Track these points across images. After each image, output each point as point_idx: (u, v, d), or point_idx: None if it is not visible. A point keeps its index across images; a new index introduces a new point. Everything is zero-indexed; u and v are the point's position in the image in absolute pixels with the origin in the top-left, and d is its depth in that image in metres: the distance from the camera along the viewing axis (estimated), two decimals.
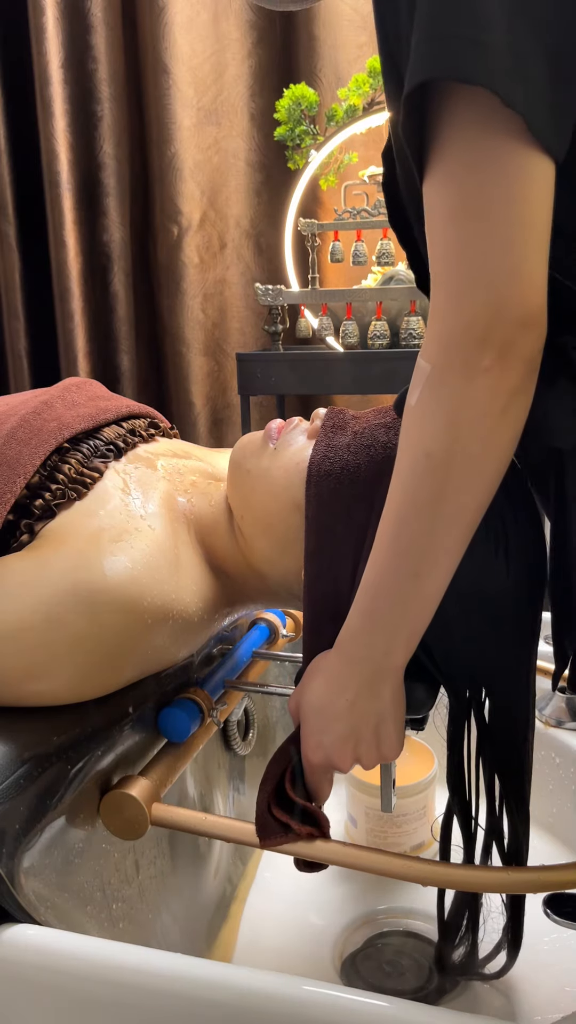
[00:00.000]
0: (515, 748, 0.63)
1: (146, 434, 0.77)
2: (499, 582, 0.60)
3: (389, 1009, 0.46)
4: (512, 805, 0.64)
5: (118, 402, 0.76)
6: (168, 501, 0.69)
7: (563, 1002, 0.73)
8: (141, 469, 0.71)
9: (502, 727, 0.62)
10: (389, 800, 0.67)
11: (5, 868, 0.49)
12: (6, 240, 2.10)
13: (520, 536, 0.60)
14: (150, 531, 0.63)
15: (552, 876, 0.55)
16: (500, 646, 0.61)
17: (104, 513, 0.63)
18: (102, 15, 1.97)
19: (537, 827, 0.93)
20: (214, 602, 0.68)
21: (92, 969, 0.50)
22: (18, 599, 0.57)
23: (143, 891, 0.66)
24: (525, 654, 0.63)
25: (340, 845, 0.58)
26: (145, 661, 0.62)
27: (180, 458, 0.77)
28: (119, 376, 2.14)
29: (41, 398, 0.71)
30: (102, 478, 0.67)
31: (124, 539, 0.61)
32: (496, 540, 0.59)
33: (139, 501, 0.66)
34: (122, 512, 0.64)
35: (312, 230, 1.78)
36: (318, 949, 0.82)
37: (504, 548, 0.59)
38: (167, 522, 0.66)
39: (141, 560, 0.60)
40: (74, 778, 0.56)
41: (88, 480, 0.66)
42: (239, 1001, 0.47)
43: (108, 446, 0.70)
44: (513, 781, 0.64)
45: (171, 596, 0.61)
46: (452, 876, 0.57)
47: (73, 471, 0.66)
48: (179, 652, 0.66)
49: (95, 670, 0.58)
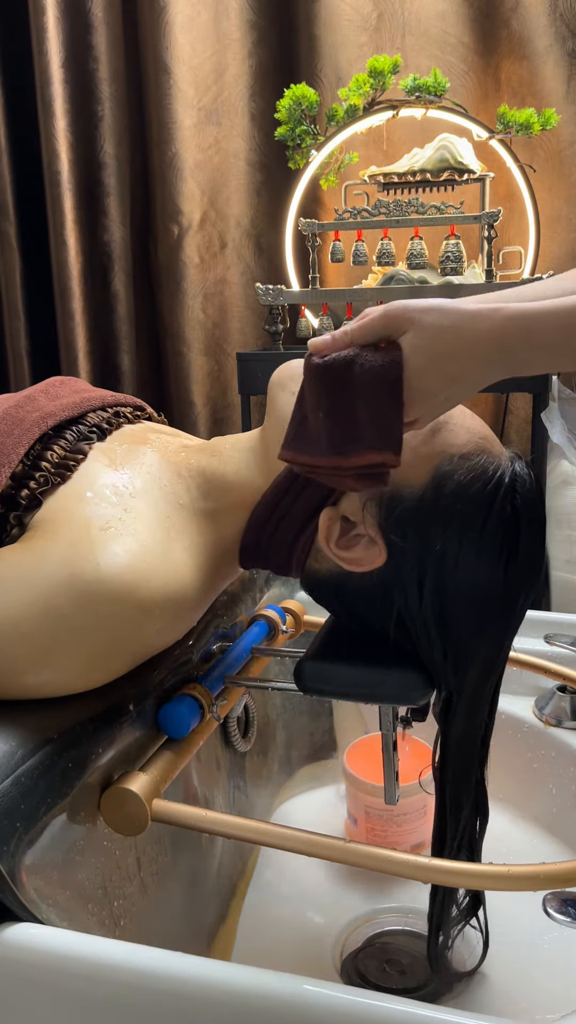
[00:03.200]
0: (472, 747, 0.66)
1: (131, 416, 0.76)
2: (499, 582, 0.61)
3: (389, 1008, 0.46)
4: (468, 800, 0.66)
5: (102, 392, 0.76)
6: (158, 471, 0.67)
7: (563, 1002, 0.73)
8: (127, 446, 0.69)
9: (464, 728, 0.65)
10: (393, 793, 0.67)
11: (7, 866, 0.49)
12: (7, 239, 2.10)
13: (530, 541, 0.61)
14: (137, 510, 0.62)
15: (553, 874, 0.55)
16: (482, 641, 0.63)
17: (92, 494, 0.62)
18: (103, 15, 1.97)
19: (537, 827, 0.93)
20: (210, 570, 0.66)
21: (94, 968, 0.50)
22: (15, 592, 0.56)
23: (144, 888, 0.66)
24: (500, 654, 0.64)
25: (341, 843, 0.58)
26: (147, 645, 0.62)
27: (167, 435, 0.75)
28: (119, 376, 2.15)
29: (24, 393, 0.71)
30: (86, 459, 0.66)
31: (115, 525, 0.60)
32: (502, 543, 0.60)
33: (127, 477, 0.65)
34: (111, 491, 0.63)
35: (312, 230, 1.78)
36: (318, 948, 0.82)
37: (510, 550, 0.60)
38: (158, 496, 0.65)
39: (134, 545, 0.59)
40: (75, 775, 0.56)
41: (72, 463, 0.64)
42: (239, 1000, 0.47)
43: (92, 429, 0.69)
44: (468, 774, 0.66)
45: (167, 577, 0.60)
46: (453, 875, 0.57)
47: (56, 456, 0.65)
48: (181, 630, 0.65)
49: (97, 659, 0.58)
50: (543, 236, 1.85)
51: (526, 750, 0.94)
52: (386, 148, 1.96)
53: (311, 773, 1.06)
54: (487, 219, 1.69)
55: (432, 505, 0.60)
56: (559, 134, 1.83)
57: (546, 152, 1.87)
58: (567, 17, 1.79)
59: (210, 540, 0.66)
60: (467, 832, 0.68)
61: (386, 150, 1.96)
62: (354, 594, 0.65)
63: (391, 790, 0.67)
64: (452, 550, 0.60)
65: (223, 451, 0.69)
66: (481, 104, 1.90)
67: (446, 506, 0.59)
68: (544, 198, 1.86)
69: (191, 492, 0.67)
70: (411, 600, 0.61)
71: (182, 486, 0.67)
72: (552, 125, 1.73)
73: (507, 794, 0.94)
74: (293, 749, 1.05)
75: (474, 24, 1.87)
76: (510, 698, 0.95)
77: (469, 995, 0.75)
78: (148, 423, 0.77)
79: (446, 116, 1.80)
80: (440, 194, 1.81)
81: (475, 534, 0.59)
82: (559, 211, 1.89)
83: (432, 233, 1.81)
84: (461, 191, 1.83)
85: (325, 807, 1.01)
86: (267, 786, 0.99)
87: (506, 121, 1.73)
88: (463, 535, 0.59)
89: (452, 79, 1.84)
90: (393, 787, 0.67)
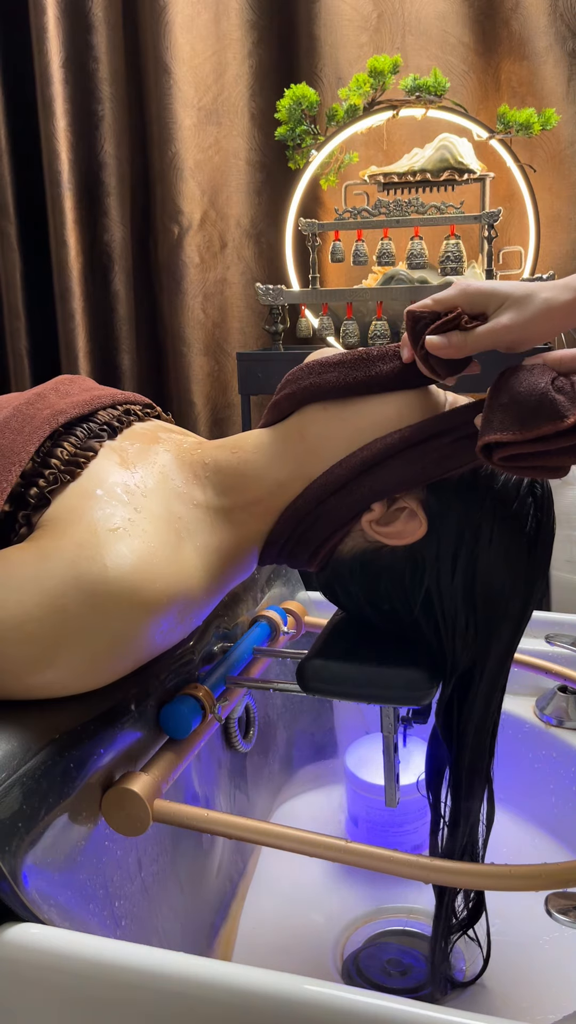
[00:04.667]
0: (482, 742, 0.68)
1: (142, 414, 0.75)
2: (524, 562, 0.64)
3: (390, 1009, 0.46)
4: (479, 794, 0.68)
5: (112, 391, 0.75)
6: (172, 470, 0.67)
7: (563, 1002, 0.73)
8: (138, 444, 0.69)
9: (480, 716, 0.67)
10: (394, 793, 0.67)
11: (8, 865, 0.49)
12: (7, 239, 2.10)
13: (548, 527, 0.65)
14: (148, 509, 0.62)
15: (554, 874, 0.55)
16: (505, 620, 0.65)
17: (102, 492, 0.62)
18: (103, 15, 1.97)
19: (537, 827, 0.94)
20: (219, 570, 0.66)
21: (95, 968, 0.50)
22: (22, 591, 0.56)
23: (145, 888, 0.66)
24: (516, 636, 0.67)
25: (342, 843, 0.58)
26: (152, 646, 0.61)
27: (178, 434, 0.75)
28: (119, 376, 2.15)
29: (34, 391, 0.71)
30: (96, 457, 0.65)
31: (124, 524, 0.59)
32: (529, 525, 0.64)
33: (139, 476, 0.65)
34: (122, 490, 0.63)
35: (313, 230, 1.78)
36: (319, 948, 0.82)
37: (534, 533, 0.64)
38: (170, 496, 0.65)
39: (141, 546, 0.59)
40: (76, 775, 0.56)
41: (82, 460, 0.64)
42: (240, 1000, 0.47)
43: (102, 427, 0.69)
44: (480, 772, 0.68)
45: (174, 579, 0.60)
46: (454, 874, 0.57)
47: (66, 454, 0.64)
48: (186, 628, 0.65)
49: (101, 660, 0.58)
50: (543, 236, 1.85)
51: (527, 750, 0.95)
52: (386, 148, 1.96)
53: (312, 773, 1.06)
54: (487, 219, 1.69)
55: (472, 483, 0.63)
56: (559, 134, 1.83)
57: (546, 152, 1.87)
58: (567, 17, 1.79)
59: (223, 540, 0.66)
60: (473, 831, 0.68)
61: (386, 150, 1.96)
62: (381, 574, 0.66)
63: (391, 791, 0.67)
64: (487, 526, 0.63)
65: (244, 447, 0.69)
66: (481, 104, 1.90)
67: (485, 485, 0.63)
68: (544, 198, 1.86)
69: (206, 491, 0.67)
70: (443, 574, 0.64)
71: (197, 485, 0.67)
72: (552, 125, 1.73)
73: (508, 794, 0.94)
74: (294, 749, 1.05)
75: (474, 24, 1.87)
76: (511, 698, 0.95)
77: (470, 995, 0.75)
78: (158, 421, 0.77)
79: (446, 116, 1.80)
80: (440, 194, 1.81)
81: (508, 513, 0.63)
82: (559, 211, 1.89)
83: (432, 233, 1.81)
84: (461, 191, 1.83)
85: (326, 807, 1.01)
86: (268, 786, 0.99)
87: (506, 121, 1.73)
88: (498, 512, 0.63)
89: (452, 79, 1.84)
90: (393, 788, 0.67)
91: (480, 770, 0.68)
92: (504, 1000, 0.75)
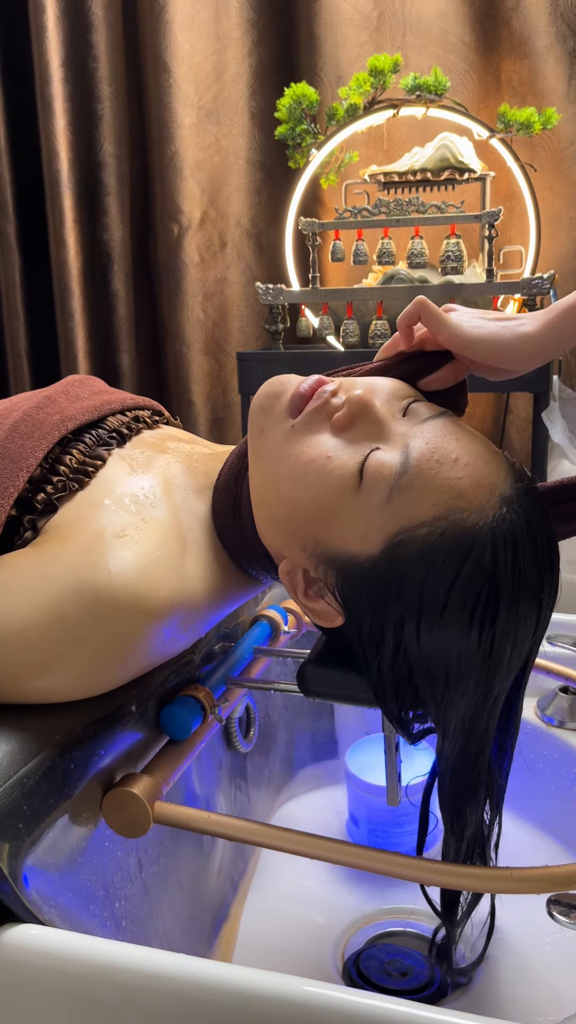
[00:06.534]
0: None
1: (151, 421, 0.75)
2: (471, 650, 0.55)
3: (391, 1010, 0.46)
4: (473, 812, 0.63)
5: (122, 395, 0.75)
6: (177, 481, 0.67)
7: (564, 1002, 0.73)
8: (147, 453, 0.69)
9: (457, 756, 0.59)
10: (395, 794, 0.67)
11: (9, 867, 0.49)
12: (6, 239, 2.10)
13: (514, 606, 0.55)
14: (156, 519, 0.62)
15: (556, 876, 0.54)
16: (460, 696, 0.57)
17: (110, 501, 0.62)
18: (102, 13, 1.97)
19: (537, 827, 0.93)
20: (223, 583, 0.66)
21: (95, 969, 0.49)
22: (24, 597, 0.56)
23: (146, 889, 0.66)
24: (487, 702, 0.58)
25: (343, 845, 0.58)
26: (153, 654, 0.61)
27: (186, 443, 0.75)
28: (119, 375, 2.15)
29: (44, 393, 0.71)
30: (105, 465, 0.65)
31: (129, 533, 0.59)
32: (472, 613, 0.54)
33: (148, 486, 0.65)
34: (130, 500, 0.62)
35: (313, 229, 1.78)
36: (319, 949, 0.82)
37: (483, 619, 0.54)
38: (179, 507, 0.65)
39: (146, 555, 0.59)
40: (77, 776, 0.56)
41: (91, 468, 0.64)
42: (240, 1002, 0.47)
43: (111, 434, 0.69)
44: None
45: (177, 588, 0.60)
46: (456, 877, 0.57)
47: (75, 461, 0.64)
48: (189, 639, 0.65)
49: (102, 667, 0.58)
50: (544, 235, 1.85)
51: (528, 751, 0.94)
52: (386, 147, 1.96)
53: (312, 774, 1.06)
54: (488, 218, 1.69)
55: (385, 574, 0.55)
56: (560, 133, 1.83)
57: (547, 151, 1.87)
58: (568, 16, 1.79)
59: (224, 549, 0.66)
60: (476, 841, 0.65)
61: (386, 149, 1.96)
62: (333, 632, 0.63)
63: (392, 791, 0.67)
64: (411, 619, 0.54)
65: None
66: (482, 103, 1.90)
67: (401, 576, 0.54)
68: (545, 197, 1.85)
69: (209, 505, 0.67)
70: (379, 659, 0.58)
71: (203, 497, 0.67)
72: (553, 124, 1.73)
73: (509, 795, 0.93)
74: (294, 750, 1.05)
75: (475, 23, 1.87)
76: None
77: (471, 996, 0.75)
78: (166, 428, 0.77)
79: (447, 115, 1.79)
80: (440, 193, 1.81)
81: (436, 604, 0.53)
82: (560, 210, 1.89)
83: (432, 232, 1.80)
84: (462, 190, 1.83)
85: (326, 808, 1.01)
86: (268, 787, 0.99)
87: (507, 120, 1.73)
88: (422, 605, 0.54)
89: (453, 78, 1.83)
90: (395, 788, 0.67)
91: (469, 794, 0.62)
92: (506, 1002, 0.75)
